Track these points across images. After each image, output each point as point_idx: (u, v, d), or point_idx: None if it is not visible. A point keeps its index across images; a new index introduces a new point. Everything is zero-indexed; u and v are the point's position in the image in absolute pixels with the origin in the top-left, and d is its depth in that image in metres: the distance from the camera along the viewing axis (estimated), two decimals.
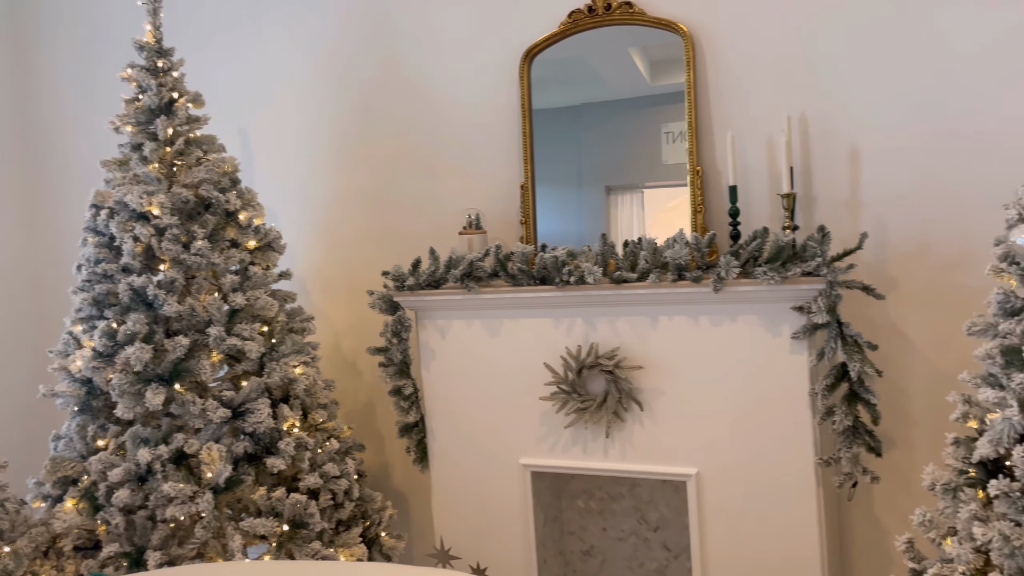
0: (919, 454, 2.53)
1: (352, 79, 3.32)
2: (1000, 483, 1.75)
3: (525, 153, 2.91)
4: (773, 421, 2.43)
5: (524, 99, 2.90)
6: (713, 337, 2.50)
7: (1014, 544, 1.67)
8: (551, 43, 2.87)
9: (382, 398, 3.27)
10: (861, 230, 2.53)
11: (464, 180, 3.12)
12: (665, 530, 2.83)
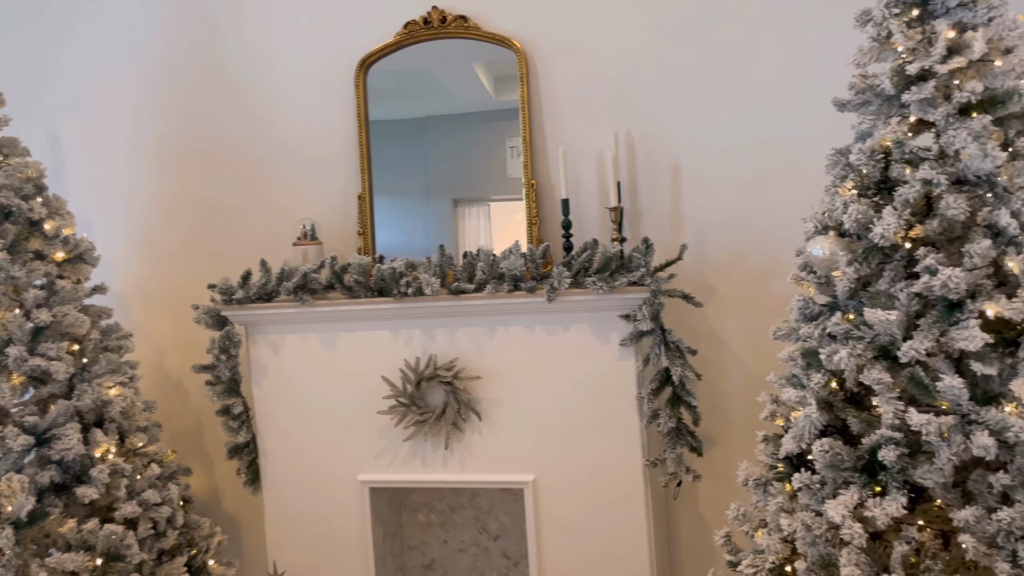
0: (738, 452, 2.70)
1: (177, 83, 3.14)
2: (802, 476, 1.89)
3: (362, 163, 2.86)
4: (604, 425, 2.51)
5: (360, 109, 2.86)
6: (548, 346, 2.55)
7: (815, 533, 1.82)
8: (387, 53, 2.84)
9: (210, 418, 3.10)
10: (682, 241, 2.68)
11: (299, 190, 3.03)
12: (505, 539, 2.86)
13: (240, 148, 3.09)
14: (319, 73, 2.97)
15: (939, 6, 1.83)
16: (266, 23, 3.03)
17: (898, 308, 1.78)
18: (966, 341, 1.66)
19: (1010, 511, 1.61)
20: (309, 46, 2.99)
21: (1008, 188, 1.72)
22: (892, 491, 1.74)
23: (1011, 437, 1.60)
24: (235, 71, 3.08)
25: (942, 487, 1.74)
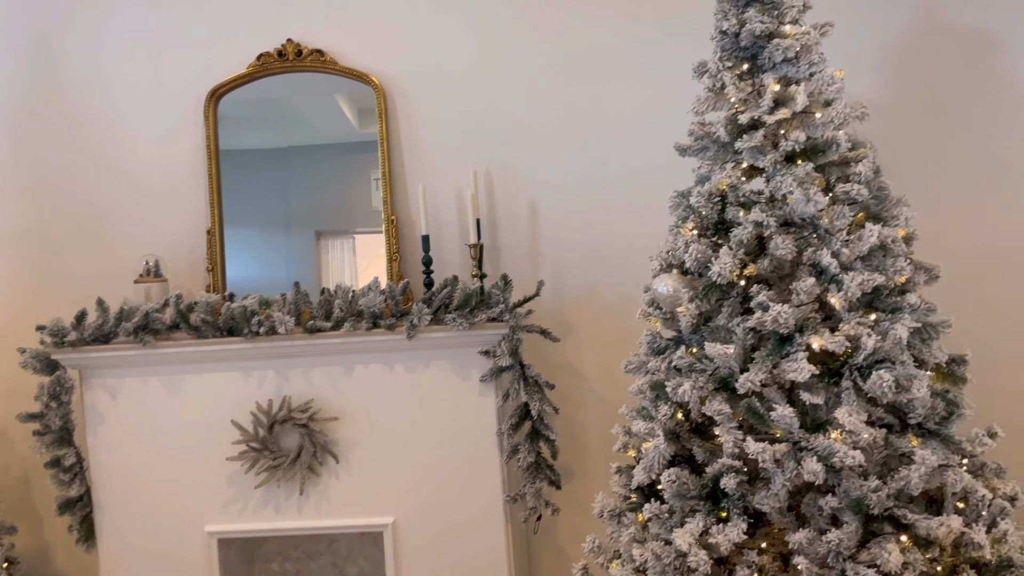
0: (596, 483, 2.75)
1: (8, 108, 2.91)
2: (652, 506, 1.95)
3: (212, 196, 2.75)
4: (465, 462, 2.50)
5: (210, 140, 2.75)
6: (408, 384, 2.52)
7: (664, 562, 1.87)
8: (239, 84, 2.76)
9: (38, 471, 2.84)
10: (540, 277, 2.73)
11: (144, 224, 2.86)
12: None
13: (78, 179, 2.89)
14: (167, 103, 2.84)
15: (767, 61, 1.97)
16: (111, 51, 2.87)
17: (735, 342, 1.88)
18: (795, 372, 1.77)
19: (838, 532, 1.72)
20: (157, 74, 2.85)
21: (829, 230, 1.86)
22: (734, 517, 1.82)
23: (837, 462, 1.72)
24: (75, 98, 2.89)
25: (778, 511, 1.83)
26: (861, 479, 1.76)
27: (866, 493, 1.74)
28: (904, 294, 1.87)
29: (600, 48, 2.72)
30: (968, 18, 2.57)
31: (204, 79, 2.79)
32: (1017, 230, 2.56)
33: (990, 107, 2.57)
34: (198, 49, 2.82)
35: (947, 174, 2.59)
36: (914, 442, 1.79)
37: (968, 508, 1.83)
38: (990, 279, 2.58)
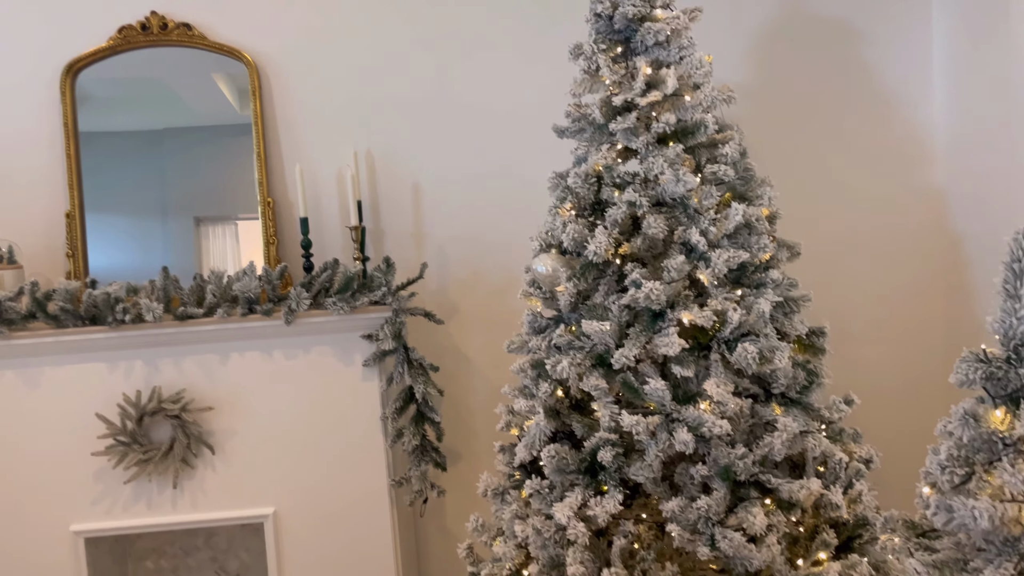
0: (483, 464, 2.76)
1: None
2: (533, 483, 1.97)
3: (71, 177, 2.58)
4: (348, 448, 2.46)
5: (68, 118, 2.58)
6: (288, 371, 2.46)
7: (544, 536, 1.90)
8: (99, 59, 2.59)
9: None
10: (425, 259, 2.71)
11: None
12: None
13: None
14: (18, 79, 2.64)
15: (639, 44, 2.01)
16: None
17: (611, 319, 1.93)
18: (667, 347, 1.83)
19: (708, 499, 1.79)
20: (7, 47, 2.64)
21: (698, 209, 1.93)
22: (611, 489, 1.87)
23: (706, 432, 1.79)
24: None
25: (653, 482, 1.89)
26: (729, 447, 1.84)
27: (733, 460, 1.82)
28: (768, 270, 1.96)
29: (480, 29, 2.71)
30: (830, 8, 2.71)
31: (60, 53, 2.61)
32: (871, 210, 2.73)
33: (847, 93, 2.72)
34: (53, 21, 2.64)
35: (807, 156, 2.73)
36: (777, 410, 1.88)
37: (827, 471, 1.95)
38: (847, 256, 2.74)
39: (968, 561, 1.27)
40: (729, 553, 1.74)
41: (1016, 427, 1.20)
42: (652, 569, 1.86)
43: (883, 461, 2.20)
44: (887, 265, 2.74)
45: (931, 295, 2.74)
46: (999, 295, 1.24)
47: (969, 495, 1.23)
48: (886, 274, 2.74)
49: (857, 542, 1.92)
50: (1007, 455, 1.22)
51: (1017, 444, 1.22)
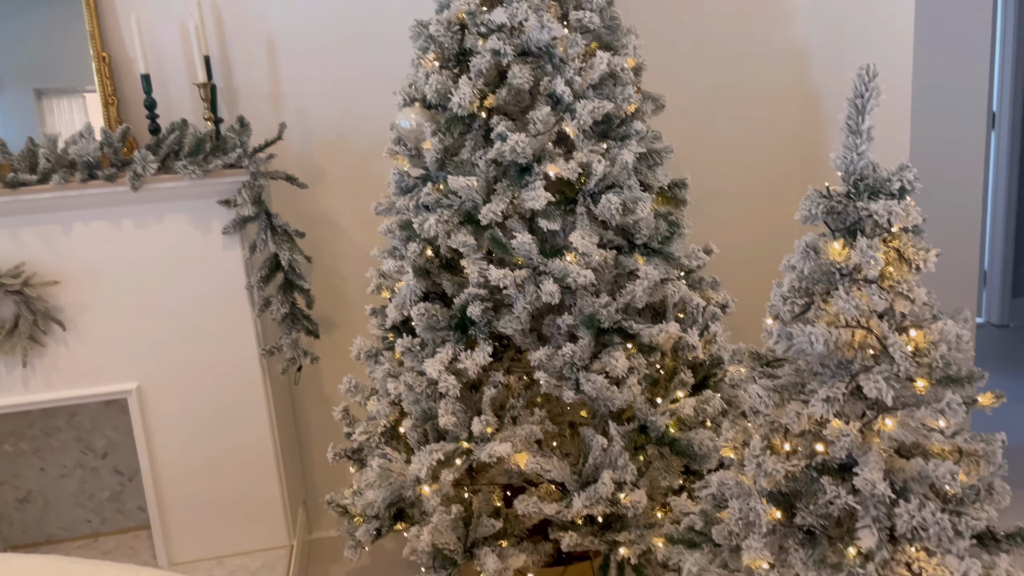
0: (357, 331, 2.74)
1: None
2: (404, 341, 1.98)
3: None
4: (214, 319, 2.38)
5: None
6: (140, 240, 2.31)
7: (416, 391, 1.92)
8: None
9: None
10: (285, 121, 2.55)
11: None
12: (115, 454, 2.62)
13: None
14: None
15: None
16: None
17: (478, 175, 1.89)
18: (534, 201, 1.83)
19: (572, 346, 1.85)
20: None
21: (564, 59, 1.88)
22: (481, 343, 1.90)
23: (571, 282, 1.82)
24: None
25: (521, 334, 1.93)
26: (593, 297, 1.88)
27: (598, 309, 1.87)
28: (632, 122, 1.96)
29: None
30: None
31: None
32: (734, 66, 2.76)
33: None
34: None
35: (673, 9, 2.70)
36: (640, 260, 1.94)
37: (686, 316, 2.04)
38: (710, 111, 2.78)
39: (805, 384, 1.38)
40: (593, 395, 1.82)
41: (852, 257, 1.27)
42: (522, 415, 1.93)
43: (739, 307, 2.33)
44: (748, 121, 2.81)
45: (789, 151, 2.85)
46: (842, 132, 1.28)
47: (808, 323, 1.31)
48: (747, 131, 2.81)
49: (712, 380, 2.04)
50: (843, 284, 1.29)
51: (852, 273, 1.29)
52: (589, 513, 1.83)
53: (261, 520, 2.51)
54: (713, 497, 1.53)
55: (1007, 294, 4.47)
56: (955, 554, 1.24)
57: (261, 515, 2.50)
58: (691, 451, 1.84)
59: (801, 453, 1.35)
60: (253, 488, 2.48)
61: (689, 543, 1.59)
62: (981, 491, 1.31)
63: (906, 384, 1.30)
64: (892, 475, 1.28)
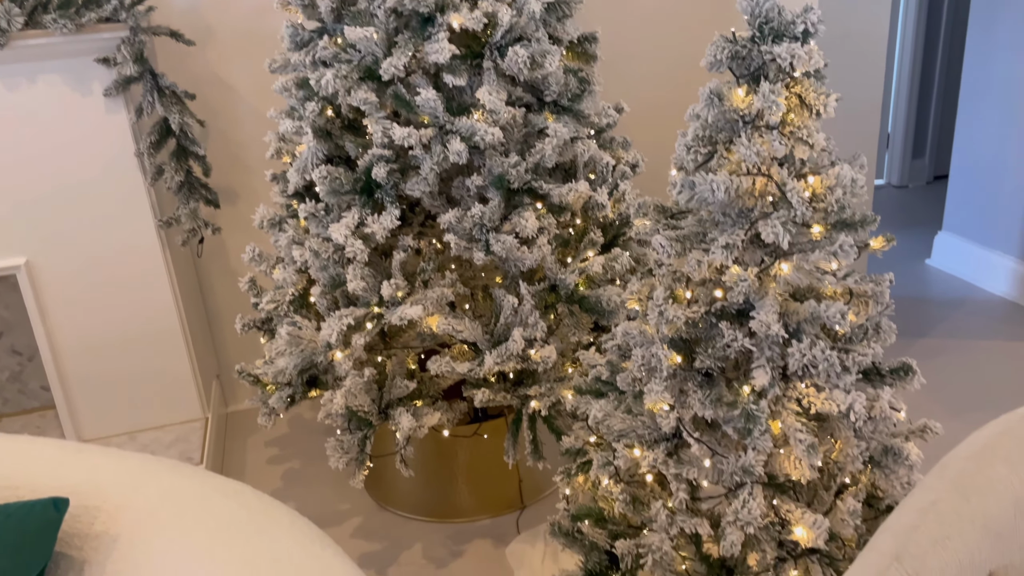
0: (260, 199, 2.64)
1: None
2: (308, 206, 1.91)
3: None
4: (104, 189, 2.24)
5: None
6: (11, 105, 2.12)
7: (323, 257, 1.87)
8: None
9: None
10: None
11: None
12: (11, 334, 2.51)
13: None
14: None
15: None
16: None
17: (377, 26, 1.78)
18: (438, 54, 1.74)
19: (482, 207, 1.81)
20: None
21: None
22: (388, 206, 1.85)
23: (479, 141, 1.77)
24: None
25: (430, 196, 1.89)
26: (502, 156, 1.84)
27: (507, 169, 1.83)
28: None
29: None
30: None
31: None
32: None
33: None
34: None
35: None
36: (549, 118, 1.89)
37: (596, 176, 2.03)
38: None
39: (707, 234, 1.39)
40: (503, 256, 1.81)
41: (755, 103, 1.26)
42: (433, 279, 1.91)
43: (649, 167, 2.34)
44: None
45: (700, 5, 2.78)
46: None
47: (710, 172, 1.31)
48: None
49: (621, 239, 2.06)
50: (745, 131, 1.29)
51: (755, 120, 1.29)
52: (501, 370, 1.86)
53: (173, 395, 2.47)
54: (618, 347, 1.57)
55: (907, 156, 4.63)
56: (842, 388, 1.31)
57: (172, 390, 2.46)
58: (599, 307, 1.87)
59: (701, 300, 1.39)
60: (162, 363, 2.43)
61: (596, 393, 1.64)
62: (869, 330, 1.38)
63: (802, 230, 1.32)
64: (786, 317, 1.32)
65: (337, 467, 1.86)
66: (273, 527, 1.07)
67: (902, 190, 4.66)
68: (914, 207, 4.37)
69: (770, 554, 1.38)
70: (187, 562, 1.04)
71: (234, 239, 2.65)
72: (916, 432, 1.46)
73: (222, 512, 1.09)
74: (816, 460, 1.27)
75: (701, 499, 1.48)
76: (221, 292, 2.72)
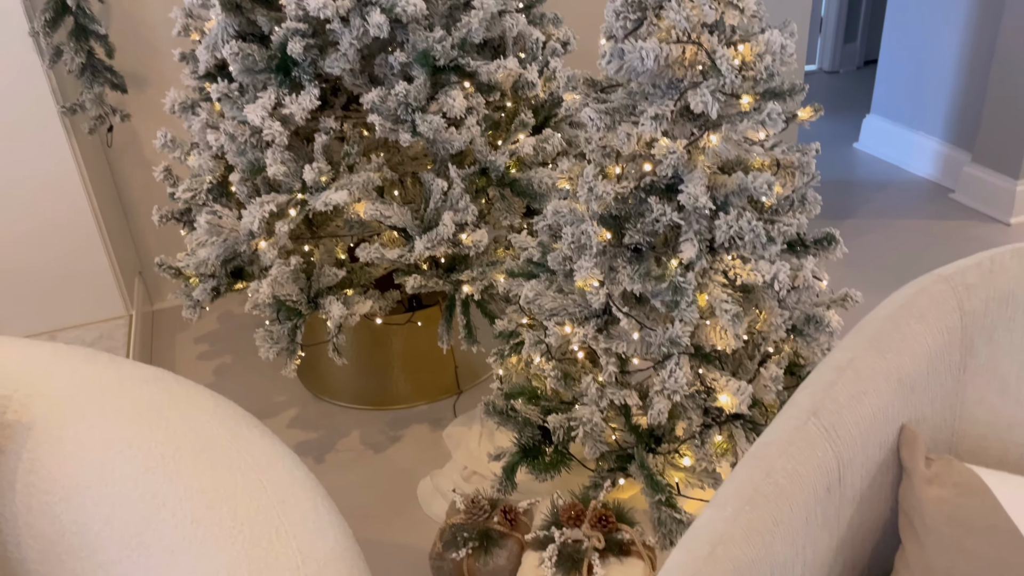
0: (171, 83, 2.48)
1: None
2: (220, 86, 1.79)
3: None
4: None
5: None
6: None
7: (239, 141, 1.78)
8: None
9: None
10: None
11: None
12: None
13: None
14: None
15: None
16: None
17: None
18: None
19: (406, 85, 1.74)
20: None
21: None
22: (306, 86, 1.75)
23: (401, 13, 1.67)
24: None
25: (351, 74, 1.79)
26: (427, 31, 1.75)
27: (432, 45, 1.74)
28: None
29: None
30: None
31: None
32: None
33: None
34: None
35: None
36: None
37: (525, 54, 1.96)
38: None
39: (637, 107, 1.36)
40: (430, 137, 1.75)
41: None
42: (359, 164, 1.84)
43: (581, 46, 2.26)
44: None
45: None
46: None
47: (639, 39, 1.26)
48: None
49: (553, 121, 2.01)
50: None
51: None
52: (432, 256, 1.83)
53: (92, 292, 2.38)
54: (549, 228, 1.55)
55: (840, 40, 4.62)
56: (767, 259, 1.33)
57: (91, 287, 2.37)
58: (531, 190, 1.84)
59: (631, 176, 1.37)
60: (78, 260, 2.32)
61: (528, 274, 1.64)
62: (795, 201, 1.39)
63: (731, 101, 1.30)
64: (714, 190, 1.32)
65: (268, 357, 1.83)
66: (196, 411, 1.05)
67: (833, 75, 4.67)
68: (845, 92, 4.40)
69: (696, 421, 1.43)
70: (108, 449, 1.01)
71: (146, 126, 2.51)
72: (837, 301, 1.50)
73: (141, 397, 1.06)
74: (741, 330, 1.30)
75: (630, 372, 1.50)
76: (137, 184, 2.59)
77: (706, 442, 1.45)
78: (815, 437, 0.92)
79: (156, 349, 2.56)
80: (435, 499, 1.89)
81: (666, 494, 1.44)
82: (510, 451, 1.63)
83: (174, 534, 0.90)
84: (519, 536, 1.54)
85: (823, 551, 0.94)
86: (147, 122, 2.49)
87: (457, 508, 1.59)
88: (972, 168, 3.07)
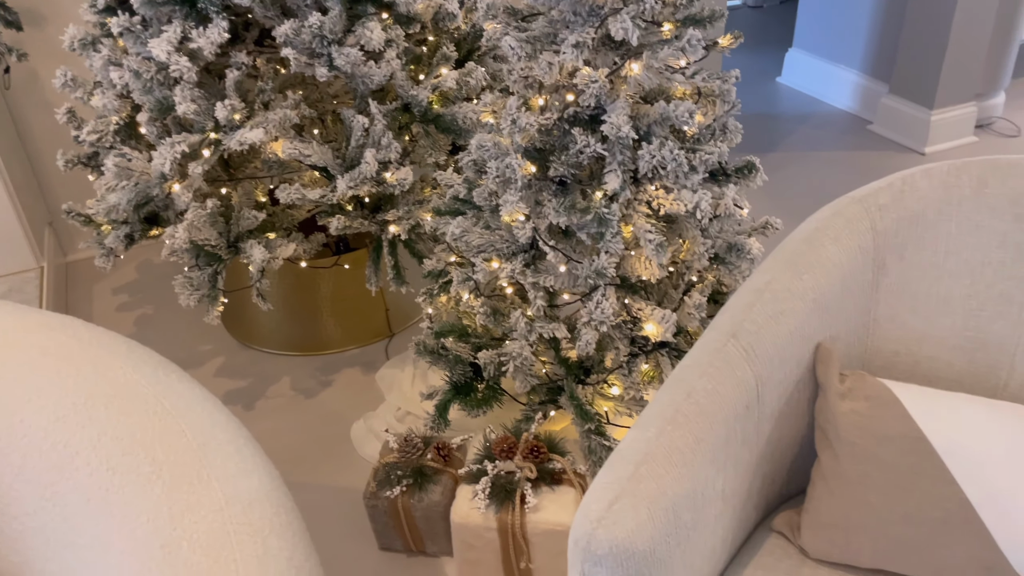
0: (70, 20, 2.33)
1: None
2: (121, 19, 1.69)
3: None
4: None
5: None
6: None
7: (145, 78, 1.69)
8: None
9: None
10: None
11: None
12: None
13: None
14: None
15: None
16: None
17: None
18: None
19: (320, 16, 1.66)
20: None
21: None
22: (214, 18, 1.67)
23: None
24: None
25: (261, 6, 1.71)
26: None
27: None
28: None
29: None
30: None
31: None
32: None
33: None
34: None
35: None
36: None
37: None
38: None
39: (558, 35, 1.33)
40: (348, 71, 1.69)
41: None
42: (275, 100, 1.77)
43: None
44: None
45: None
46: None
47: None
48: None
49: (476, 54, 1.97)
50: None
51: None
52: (356, 195, 1.79)
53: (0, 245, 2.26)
54: (474, 163, 1.53)
55: None
56: (689, 188, 1.34)
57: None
58: (455, 126, 1.80)
59: (554, 108, 1.35)
60: None
61: (454, 212, 1.61)
62: (716, 130, 1.40)
63: (652, 28, 1.29)
64: (637, 120, 1.31)
65: (189, 305, 1.77)
66: (109, 356, 1.01)
67: (757, 10, 4.69)
68: (768, 26, 4.42)
69: (623, 351, 1.45)
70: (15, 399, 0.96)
71: (46, 66, 2.36)
72: (758, 229, 1.53)
73: (49, 345, 1.01)
74: (664, 259, 1.31)
75: (558, 306, 1.51)
76: (40, 129, 2.45)
77: (633, 371, 1.47)
78: (734, 357, 0.94)
79: (72, 301, 2.46)
80: (369, 441, 1.89)
81: (596, 423, 1.47)
82: (442, 389, 1.63)
83: (89, 482, 0.87)
84: (453, 472, 1.55)
85: (743, 467, 0.97)
86: (47, 61, 2.34)
87: (390, 447, 1.59)
88: (889, 99, 3.15)
